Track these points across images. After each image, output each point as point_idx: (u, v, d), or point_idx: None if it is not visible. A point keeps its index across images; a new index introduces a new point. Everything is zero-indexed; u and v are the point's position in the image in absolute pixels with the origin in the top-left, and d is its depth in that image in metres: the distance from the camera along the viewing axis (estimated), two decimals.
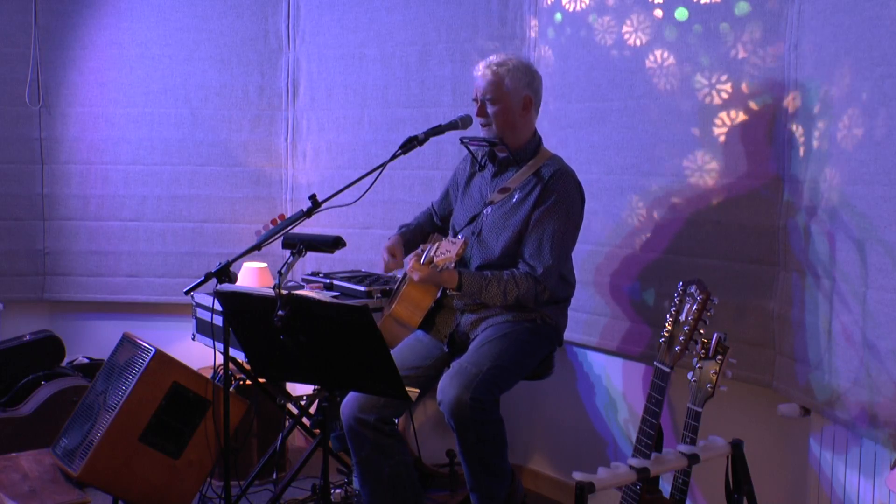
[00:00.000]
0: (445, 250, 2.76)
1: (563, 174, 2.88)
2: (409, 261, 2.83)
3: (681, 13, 2.99)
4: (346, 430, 2.84)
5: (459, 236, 2.96)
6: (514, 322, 2.86)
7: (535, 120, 2.98)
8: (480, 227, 2.94)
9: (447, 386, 2.68)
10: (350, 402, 2.83)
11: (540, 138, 2.99)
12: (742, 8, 2.81)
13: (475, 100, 2.92)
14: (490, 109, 2.88)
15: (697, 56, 2.95)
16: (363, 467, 2.84)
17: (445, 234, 3.17)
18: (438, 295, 2.93)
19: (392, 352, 2.93)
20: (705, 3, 2.91)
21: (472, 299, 2.86)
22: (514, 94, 2.87)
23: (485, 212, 2.95)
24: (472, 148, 3.06)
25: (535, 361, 2.93)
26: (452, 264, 2.75)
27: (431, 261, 2.77)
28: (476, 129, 3.04)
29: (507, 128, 2.89)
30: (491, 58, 2.92)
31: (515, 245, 2.86)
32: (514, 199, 2.89)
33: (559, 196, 2.83)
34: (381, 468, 2.82)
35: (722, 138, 2.90)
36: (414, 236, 3.13)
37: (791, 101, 2.68)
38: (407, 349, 2.96)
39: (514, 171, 2.94)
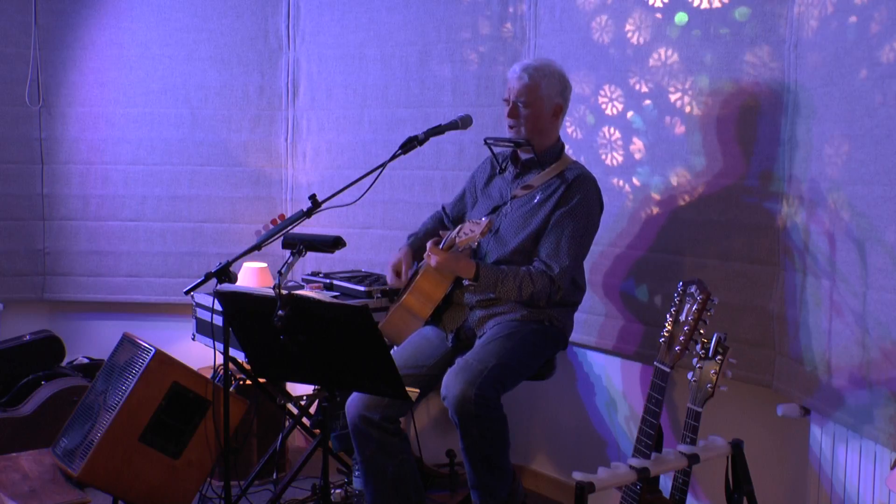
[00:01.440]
0: (469, 230, 2.74)
1: (586, 179, 2.90)
2: (428, 246, 2.82)
3: (680, 15, 2.99)
4: (351, 429, 2.84)
5: (484, 218, 2.95)
6: (522, 322, 2.87)
7: (560, 128, 2.99)
8: (500, 224, 2.95)
9: (452, 381, 2.68)
10: (355, 400, 2.84)
11: (563, 145, 3.01)
12: (742, 7, 2.81)
13: (506, 101, 2.93)
14: (522, 112, 2.89)
15: (697, 56, 2.95)
16: (367, 466, 2.84)
17: None
18: (450, 288, 2.93)
19: (397, 349, 2.95)
20: (705, 3, 2.91)
21: (487, 292, 2.86)
22: (548, 100, 2.90)
23: (506, 208, 2.95)
24: (495, 150, 3.06)
25: (540, 362, 2.94)
26: (476, 244, 2.74)
27: (452, 245, 2.76)
28: (476, 130, 3.04)
29: (535, 132, 2.91)
30: (528, 61, 2.95)
31: (532, 243, 2.87)
32: (536, 200, 2.90)
33: (581, 199, 2.85)
34: (385, 467, 2.82)
35: (722, 138, 2.90)
36: (423, 245, 3.12)
37: (791, 101, 2.68)
38: (413, 347, 2.96)
39: (537, 172, 2.94)
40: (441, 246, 2.82)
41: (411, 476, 2.86)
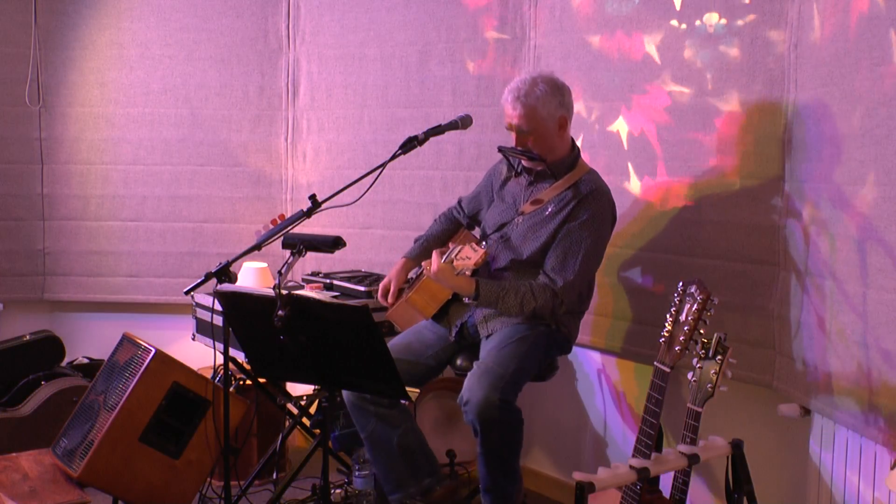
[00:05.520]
0: (466, 256, 2.77)
1: (600, 193, 2.85)
2: (434, 256, 2.84)
3: (680, 15, 2.99)
4: (350, 408, 2.85)
5: (484, 244, 2.96)
6: (530, 325, 2.86)
7: (569, 134, 2.94)
8: (510, 234, 2.94)
9: (475, 385, 2.67)
10: None
11: (578, 151, 2.96)
12: (742, 7, 2.81)
13: (508, 127, 2.86)
14: (528, 139, 2.84)
15: (698, 55, 2.95)
16: (372, 442, 2.83)
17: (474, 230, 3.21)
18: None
19: (395, 338, 2.95)
20: (705, 3, 2.91)
21: (489, 308, 2.85)
22: (549, 118, 2.83)
23: (515, 220, 2.94)
24: (509, 158, 3.02)
25: (545, 365, 2.97)
26: (469, 272, 2.74)
27: (451, 262, 2.78)
28: (476, 129, 3.04)
29: (546, 150, 2.86)
30: (518, 86, 2.82)
31: (542, 255, 2.85)
32: (548, 211, 2.87)
33: (592, 214, 2.81)
34: (390, 439, 2.81)
35: (722, 138, 2.90)
36: (427, 248, 3.12)
37: (791, 101, 2.68)
38: (412, 334, 3.00)
39: (551, 182, 2.91)
40: (443, 259, 2.82)
41: (418, 443, 2.84)
